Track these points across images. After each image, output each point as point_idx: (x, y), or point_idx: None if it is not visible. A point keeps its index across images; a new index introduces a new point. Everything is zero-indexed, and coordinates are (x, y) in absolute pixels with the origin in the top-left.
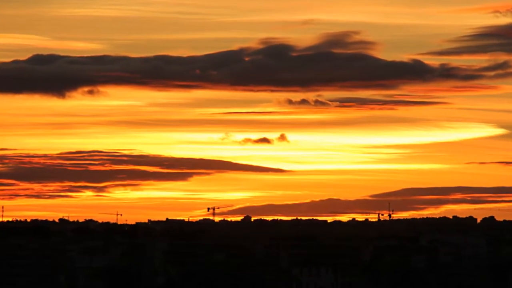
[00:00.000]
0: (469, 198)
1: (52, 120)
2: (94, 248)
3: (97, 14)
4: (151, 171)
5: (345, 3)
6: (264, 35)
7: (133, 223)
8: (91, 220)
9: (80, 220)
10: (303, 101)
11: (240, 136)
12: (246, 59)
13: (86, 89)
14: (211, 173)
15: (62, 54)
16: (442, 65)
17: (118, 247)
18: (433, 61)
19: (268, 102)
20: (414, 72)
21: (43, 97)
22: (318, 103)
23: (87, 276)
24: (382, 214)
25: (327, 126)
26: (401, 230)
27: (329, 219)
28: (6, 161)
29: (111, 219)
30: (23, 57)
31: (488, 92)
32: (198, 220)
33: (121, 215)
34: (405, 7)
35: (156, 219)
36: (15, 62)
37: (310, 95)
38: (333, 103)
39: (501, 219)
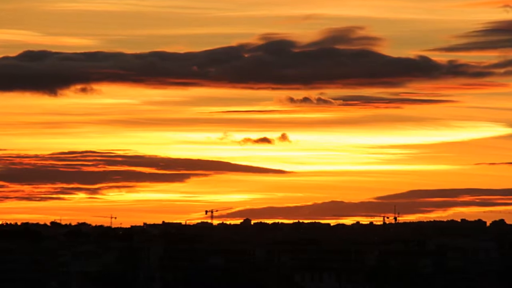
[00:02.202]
0: (478, 201)
1: (43, 119)
2: (88, 252)
3: (90, 9)
4: (147, 172)
5: None
6: (264, 30)
7: (128, 226)
8: (84, 223)
9: (73, 223)
10: (305, 99)
11: (239, 135)
12: (246, 55)
13: (79, 86)
14: (210, 174)
15: (54, 50)
16: (450, 61)
17: (112, 252)
18: (441, 58)
19: (269, 100)
20: (421, 69)
21: (34, 95)
22: (320, 101)
23: (80, 282)
24: (388, 217)
25: (330, 126)
26: (407, 234)
27: (332, 222)
28: None
29: (105, 222)
30: (14, 53)
31: (498, 90)
32: (195, 223)
33: (115, 218)
34: (412, 1)
35: (152, 222)
36: (5, 58)
37: (313, 93)
38: (337, 101)
39: None
